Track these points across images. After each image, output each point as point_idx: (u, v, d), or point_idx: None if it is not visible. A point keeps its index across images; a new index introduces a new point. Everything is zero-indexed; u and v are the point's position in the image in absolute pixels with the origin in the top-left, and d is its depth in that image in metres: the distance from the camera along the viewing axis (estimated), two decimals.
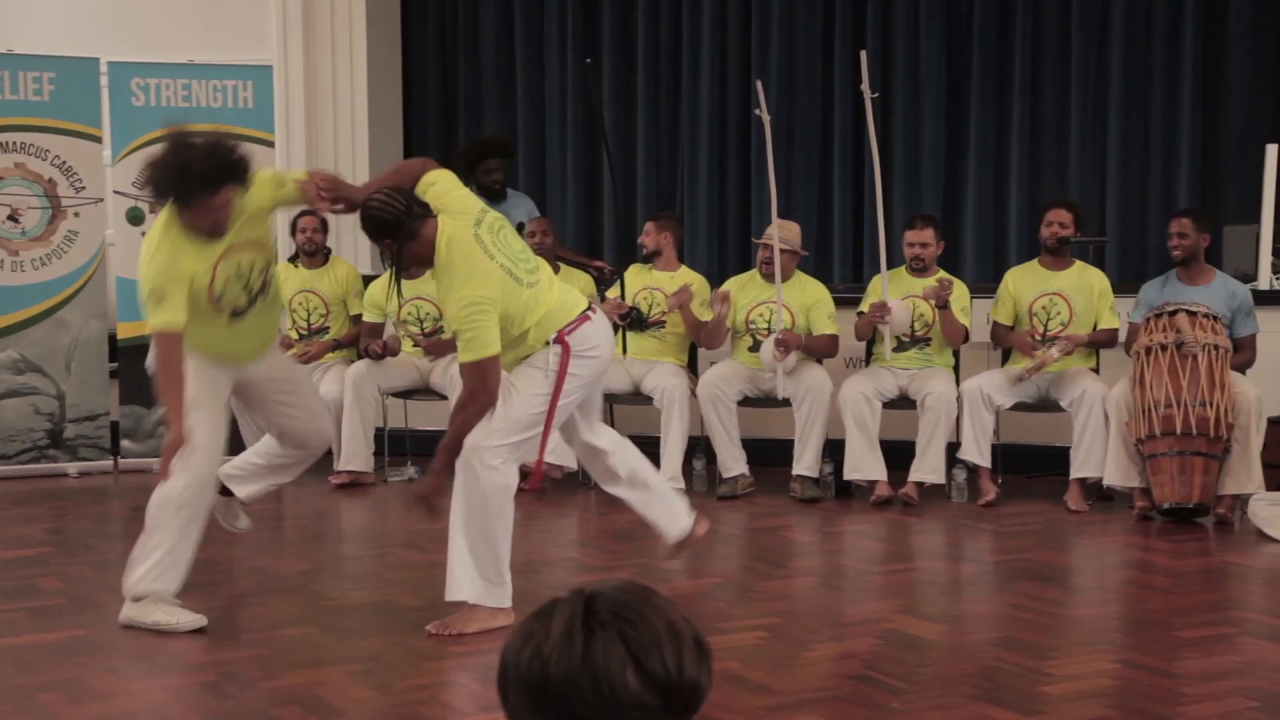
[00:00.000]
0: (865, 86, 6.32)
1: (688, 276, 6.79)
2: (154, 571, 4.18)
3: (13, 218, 6.97)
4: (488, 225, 4.12)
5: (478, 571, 4.13)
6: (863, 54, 6.48)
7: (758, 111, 6.45)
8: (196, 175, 3.99)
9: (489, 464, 4.08)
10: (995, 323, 6.44)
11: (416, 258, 4.12)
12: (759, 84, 6.54)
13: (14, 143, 6.95)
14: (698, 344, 6.74)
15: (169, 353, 4.05)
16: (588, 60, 7.33)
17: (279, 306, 4.60)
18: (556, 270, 6.96)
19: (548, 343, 4.19)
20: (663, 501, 4.63)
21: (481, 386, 4.02)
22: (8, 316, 6.96)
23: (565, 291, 4.33)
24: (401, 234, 4.05)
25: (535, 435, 4.21)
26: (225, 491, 4.66)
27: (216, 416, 4.31)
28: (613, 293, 6.70)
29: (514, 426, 4.13)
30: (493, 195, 7.20)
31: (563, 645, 1.28)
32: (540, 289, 4.19)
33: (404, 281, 4.45)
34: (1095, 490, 6.11)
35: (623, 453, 4.57)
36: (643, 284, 6.75)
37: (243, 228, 4.18)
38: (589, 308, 4.32)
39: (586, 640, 1.28)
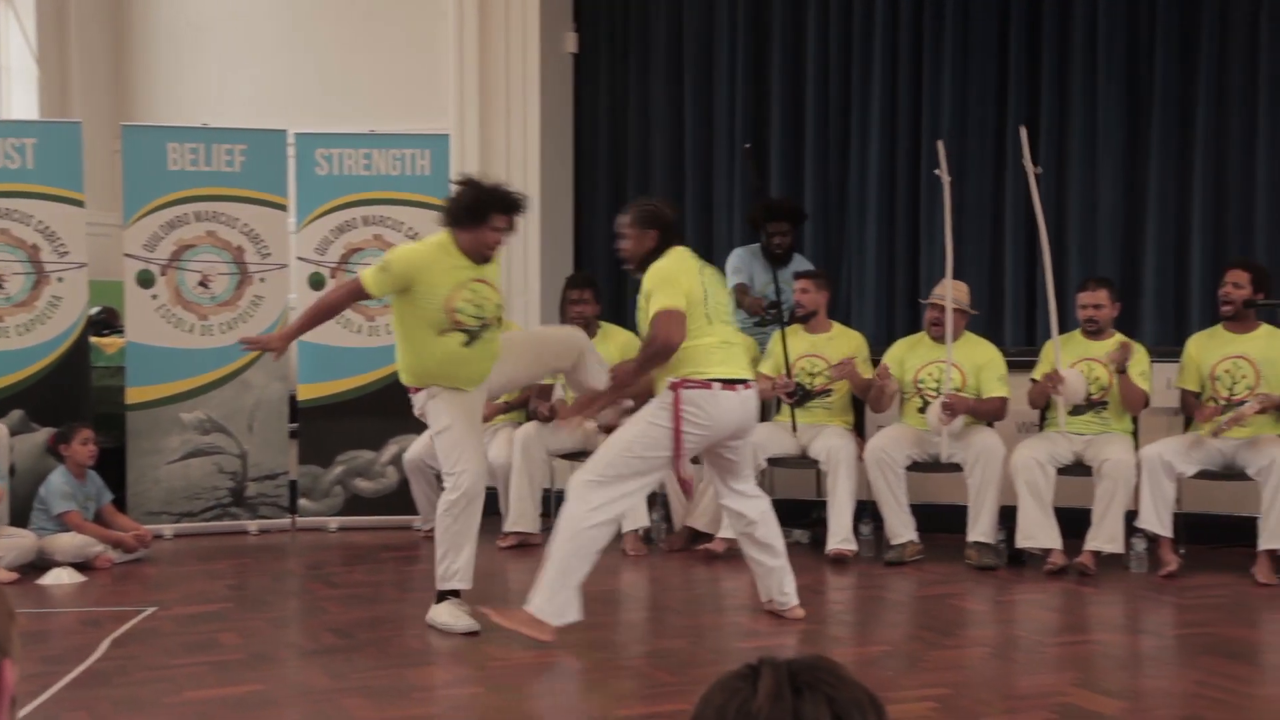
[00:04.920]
0: (1026, 161, 6.23)
1: (845, 336, 6.75)
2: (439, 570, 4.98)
3: (203, 284, 7.28)
4: None
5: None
6: (1022, 130, 6.38)
7: (937, 172, 6.38)
8: (477, 203, 4.84)
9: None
10: (1184, 390, 6.24)
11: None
12: (940, 144, 6.48)
13: (207, 212, 7.27)
14: (865, 401, 6.69)
15: (343, 290, 5.16)
16: (746, 145, 7.36)
17: (495, 355, 5.06)
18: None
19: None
20: (779, 577, 5.10)
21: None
22: (196, 379, 7.25)
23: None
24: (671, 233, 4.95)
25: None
26: None
27: (476, 442, 4.99)
28: (776, 368, 6.65)
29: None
30: (775, 258, 7.17)
31: (772, 704, 1.30)
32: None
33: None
34: None
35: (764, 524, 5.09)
36: (803, 350, 6.68)
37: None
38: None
39: (795, 700, 1.30)
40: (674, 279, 4.81)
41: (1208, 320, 6.76)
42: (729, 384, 4.81)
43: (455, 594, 4.95)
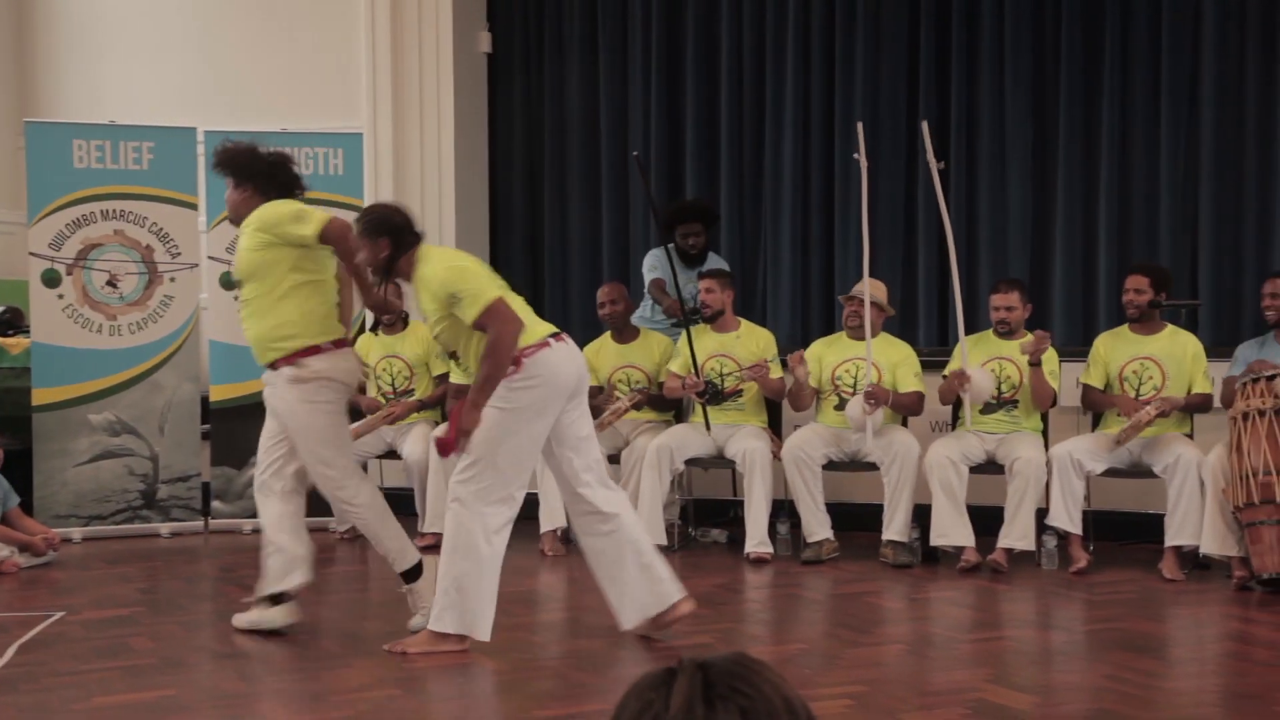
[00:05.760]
0: (930, 158, 6.30)
1: (753, 335, 6.77)
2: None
3: (111, 283, 7.15)
4: None
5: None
6: (923, 125, 6.44)
7: (856, 156, 6.43)
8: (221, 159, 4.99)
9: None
10: (1086, 386, 6.34)
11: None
12: (859, 126, 6.53)
13: (114, 210, 7.15)
14: (778, 401, 6.72)
15: None
16: (634, 154, 7.34)
17: (252, 329, 4.91)
18: (635, 335, 6.99)
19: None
20: (632, 588, 4.70)
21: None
22: (105, 379, 7.12)
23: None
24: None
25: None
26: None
27: (263, 438, 5.13)
28: (685, 367, 6.66)
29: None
30: (689, 259, 7.16)
31: (683, 717, 1.28)
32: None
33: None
34: (1191, 559, 5.97)
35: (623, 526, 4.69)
36: (711, 350, 6.70)
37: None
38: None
39: (707, 713, 1.28)
40: (465, 272, 4.53)
41: (1114, 320, 6.89)
42: (556, 336, 4.59)
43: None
